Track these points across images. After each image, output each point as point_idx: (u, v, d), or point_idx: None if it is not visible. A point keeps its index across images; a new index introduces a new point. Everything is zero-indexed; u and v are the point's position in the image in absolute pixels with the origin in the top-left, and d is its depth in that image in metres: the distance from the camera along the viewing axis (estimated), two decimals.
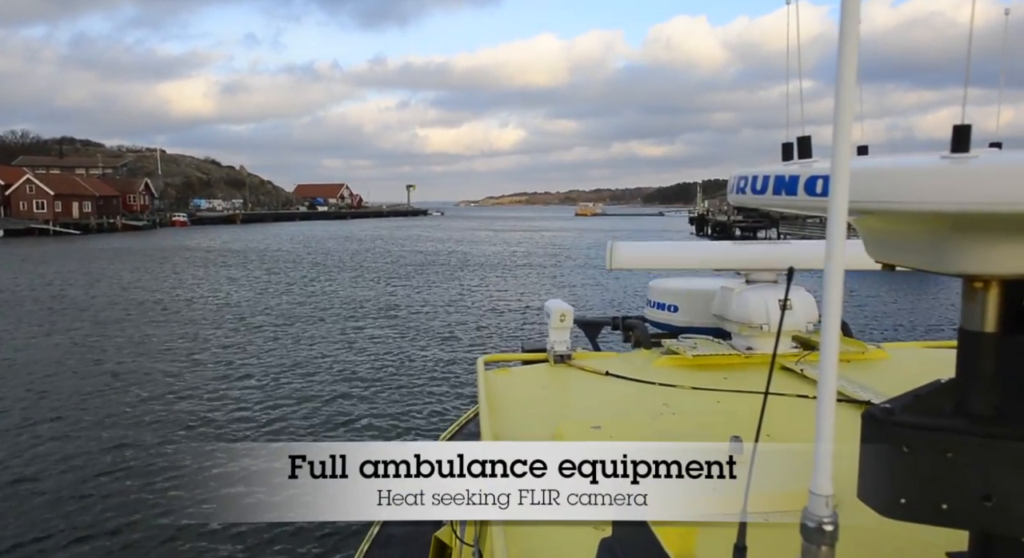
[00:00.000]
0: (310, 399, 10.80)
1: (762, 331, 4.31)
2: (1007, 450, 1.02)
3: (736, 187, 1.21)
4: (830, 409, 0.83)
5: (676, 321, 5.14)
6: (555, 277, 30.12)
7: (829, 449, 0.84)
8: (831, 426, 0.83)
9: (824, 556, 0.87)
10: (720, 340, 4.56)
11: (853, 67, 0.73)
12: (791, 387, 3.54)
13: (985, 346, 1.13)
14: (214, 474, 1.11)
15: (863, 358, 4.19)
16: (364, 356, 13.97)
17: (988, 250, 0.97)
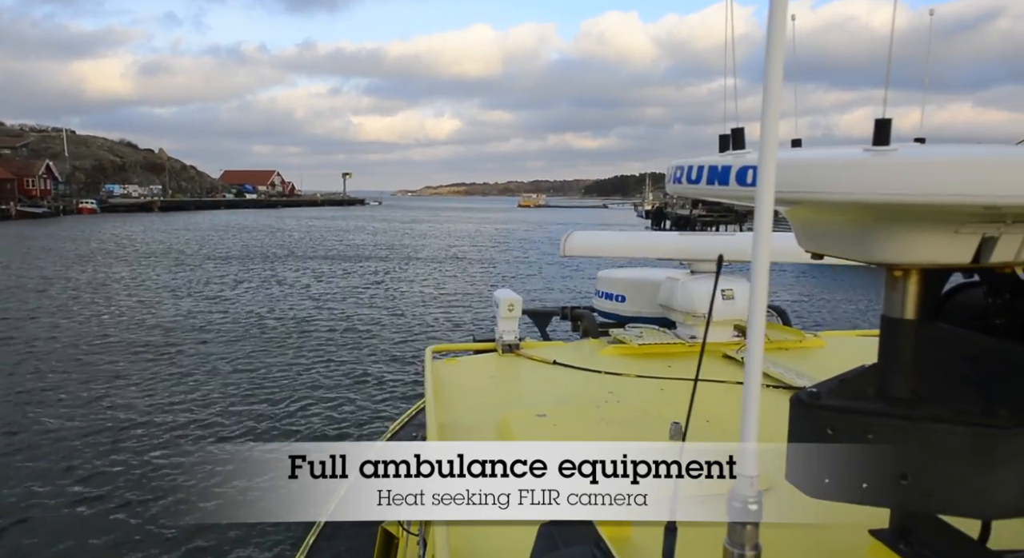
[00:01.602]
0: (251, 399, 10.52)
1: (705, 320, 4.53)
2: (922, 431, 1.16)
3: (673, 177, 1.32)
4: (756, 393, 0.92)
5: (623, 311, 5.37)
6: (505, 268, 29.99)
7: (754, 432, 0.93)
8: (756, 409, 0.92)
9: (749, 535, 0.95)
10: (665, 329, 4.78)
11: (780, 63, 0.83)
12: (733, 375, 3.76)
13: (904, 332, 1.26)
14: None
15: (800, 346, 4.47)
16: (307, 353, 13.59)
17: (907, 240, 1.10)
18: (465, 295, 21.11)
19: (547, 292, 22.53)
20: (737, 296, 4.64)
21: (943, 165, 0.94)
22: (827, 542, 1.76)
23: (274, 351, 13.71)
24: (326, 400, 10.50)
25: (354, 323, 16.53)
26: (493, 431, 2.70)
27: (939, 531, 1.47)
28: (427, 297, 20.86)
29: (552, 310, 6.36)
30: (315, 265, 29.27)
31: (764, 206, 0.87)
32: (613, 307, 5.54)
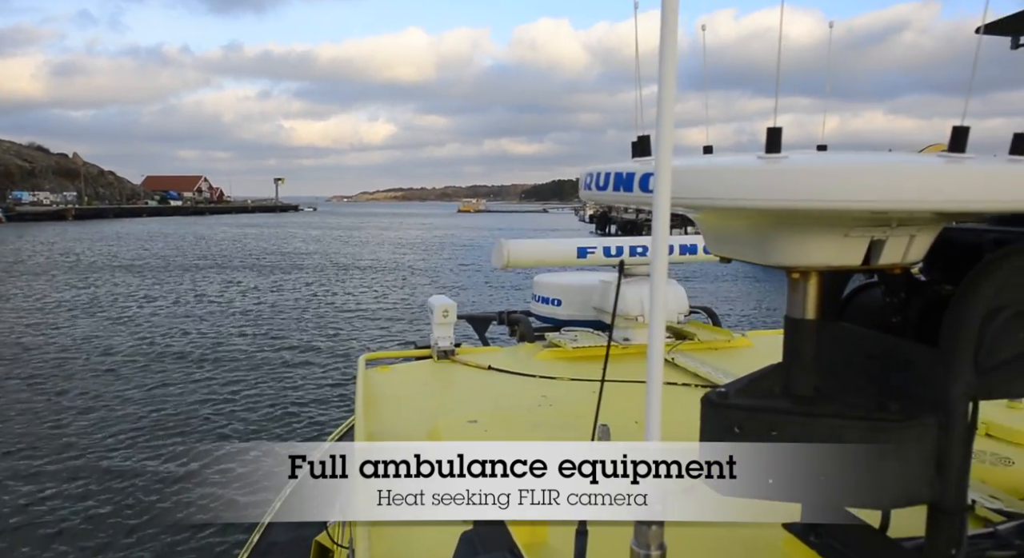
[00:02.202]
0: (175, 421, 10.00)
1: (638, 322, 4.65)
2: (823, 426, 1.22)
3: (584, 183, 1.35)
4: (658, 395, 0.95)
5: (559, 315, 5.45)
6: (447, 274, 29.63)
7: (657, 432, 0.96)
8: (659, 410, 0.95)
9: (655, 535, 0.98)
10: (600, 332, 4.87)
11: (672, 73, 0.86)
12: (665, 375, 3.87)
13: (806, 332, 1.33)
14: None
15: (728, 346, 4.64)
16: (230, 375, 12.89)
17: (801, 244, 1.16)
18: (407, 304, 20.71)
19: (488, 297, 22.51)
20: (668, 298, 4.80)
21: (828, 172, 0.99)
22: (744, 537, 1.82)
23: (191, 375, 12.49)
24: (252, 425, 10.01)
25: (287, 339, 15.64)
26: (424, 439, 2.70)
27: (844, 522, 1.55)
28: (367, 308, 20.16)
29: (490, 315, 6.41)
30: (245, 277, 27.46)
31: (661, 212, 0.90)
32: (549, 311, 5.62)
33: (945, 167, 1.00)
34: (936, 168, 0.99)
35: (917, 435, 1.21)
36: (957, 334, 1.22)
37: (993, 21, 1.76)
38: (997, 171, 1.04)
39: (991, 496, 2.02)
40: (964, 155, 1.04)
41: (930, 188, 0.97)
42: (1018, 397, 1.29)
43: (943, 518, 1.26)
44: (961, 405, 1.22)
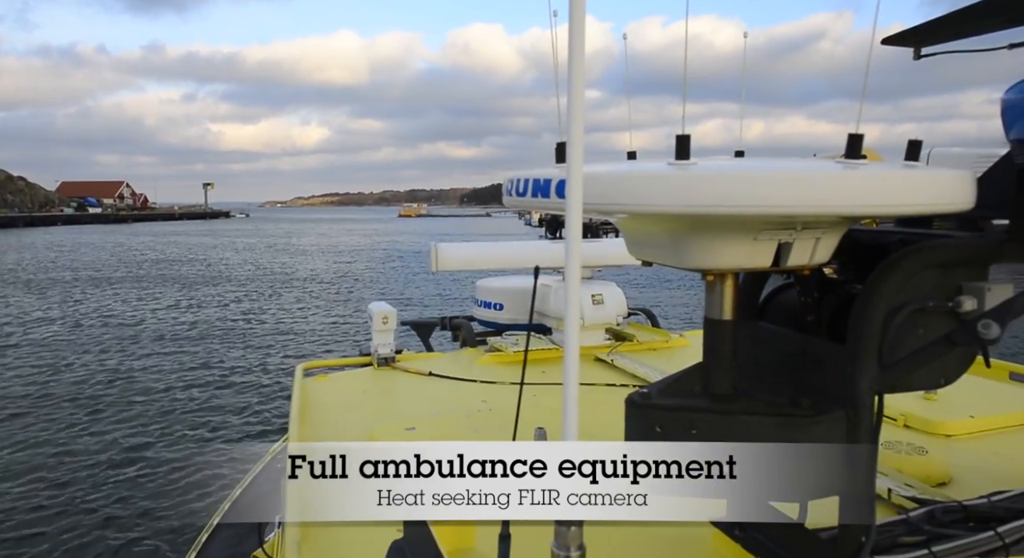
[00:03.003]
0: (106, 443, 9.45)
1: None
2: (739, 423, 1.28)
3: (506, 190, 1.37)
4: (574, 398, 0.98)
5: (501, 319, 5.52)
6: (392, 281, 29.15)
7: (574, 433, 0.98)
8: (576, 413, 0.98)
9: (574, 536, 1.01)
10: (541, 336, 4.94)
11: (581, 79, 0.89)
12: (604, 377, 3.96)
13: (724, 332, 1.39)
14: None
15: (666, 346, 4.77)
16: (174, 385, 12.27)
17: (713, 247, 1.21)
18: (351, 313, 20.21)
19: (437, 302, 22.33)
20: (607, 301, 4.90)
21: (733, 178, 1.04)
22: (674, 535, 1.88)
23: (101, 410, 10.98)
24: (188, 447, 9.53)
25: (220, 358, 14.57)
26: None
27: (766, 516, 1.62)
28: (308, 319, 19.30)
29: (433, 321, 6.42)
30: (170, 291, 25.13)
31: (573, 217, 0.93)
32: (492, 315, 5.68)
33: (842, 173, 1.07)
34: (833, 174, 1.06)
35: (827, 429, 1.28)
36: (862, 331, 1.29)
37: (895, 33, 1.88)
38: (890, 176, 1.11)
39: (906, 484, 2.15)
40: (859, 161, 1.11)
41: (828, 193, 1.03)
42: (919, 389, 1.38)
43: (854, 508, 1.33)
44: (867, 399, 1.30)
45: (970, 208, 1.20)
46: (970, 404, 2.91)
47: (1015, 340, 11.53)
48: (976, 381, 3.40)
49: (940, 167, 2.26)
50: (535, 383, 3.73)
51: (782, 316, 1.64)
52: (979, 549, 1.62)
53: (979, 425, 2.75)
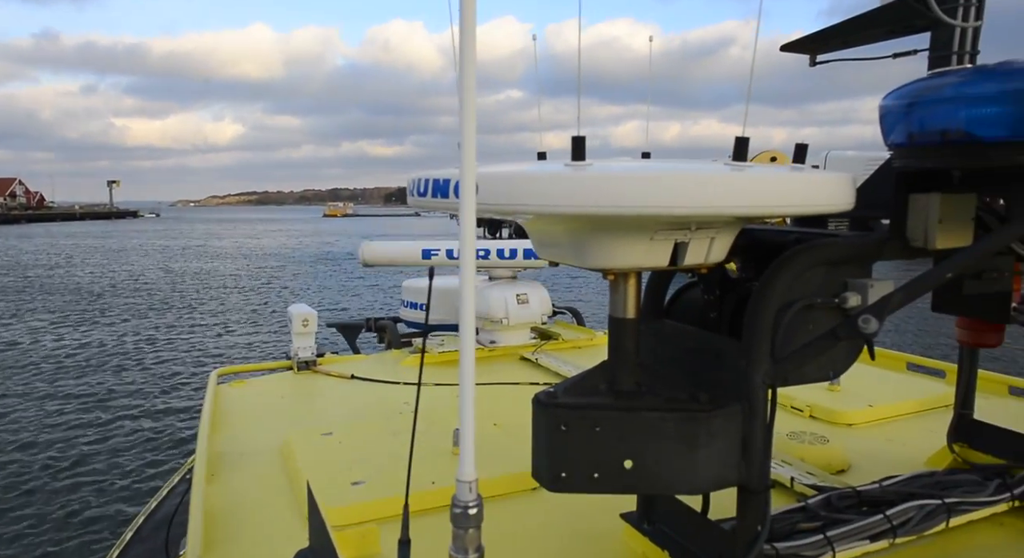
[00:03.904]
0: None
1: (503, 325, 4.79)
2: (642, 419, 1.32)
3: (409, 190, 1.37)
4: (470, 399, 0.99)
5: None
6: (321, 285, 28.27)
7: (471, 437, 1.00)
8: (472, 415, 0.99)
9: (471, 538, 0.99)
10: None
11: (472, 80, 0.90)
12: (527, 375, 4.01)
13: (628, 330, 1.43)
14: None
15: (591, 344, 4.88)
16: (87, 403, 11.41)
17: (612, 247, 1.25)
18: (278, 318, 19.47)
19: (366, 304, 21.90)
20: (532, 300, 4.96)
21: (625, 180, 1.08)
22: (586, 530, 1.93)
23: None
24: (98, 470, 8.89)
25: (130, 371, 13.62)
26: (275, 455, 2.63)
27: (672, 508, 1.69)
28: (230, 327, 18.22)
29: (359, 322, 6.35)
30: (68, 302, 22.41)
31: (467, 216, 0.94)
32: (419, 316, 5.66)
33: (729, 175, 1.12)
34: (721, 176, 1.11)
35: (724, 422, 1.34)
36: (755, 327, 1.36)
37: (792, 41, 2.00)
38: (774, 178, 1.18)
39: (808, 472, 2.28)
40: (746, 163, 1.17)
41: (715, 195, 1.08)
42: (811, 382, 1.47)
43: (750, 498, 1.40)
44: (761, 392, 1.37)
45: (850, 209, 1.29)
46: (870, 394, 3.12)
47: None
48: (877, 372, 3.64)
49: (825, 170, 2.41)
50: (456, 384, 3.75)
51: (687, 314, 1.71)
52: (869, 532, 1.74)
53: (877, 414, 2.94)
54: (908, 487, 1.95)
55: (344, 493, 2.12)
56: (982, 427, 2.21)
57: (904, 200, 1.49)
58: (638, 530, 1.75)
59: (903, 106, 1.43)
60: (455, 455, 2.49)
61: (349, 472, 2.29)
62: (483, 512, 1.01)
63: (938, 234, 1.45)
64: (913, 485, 1.96)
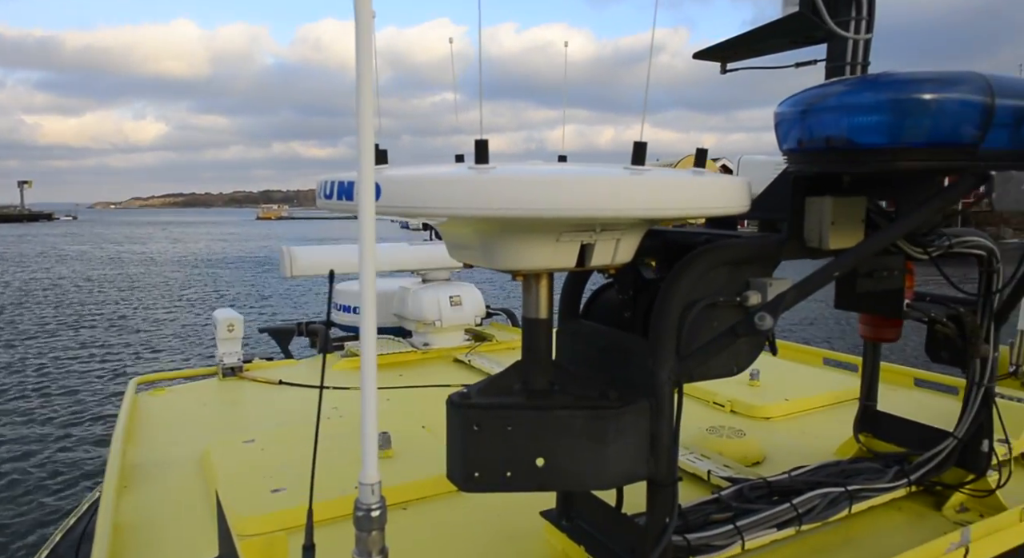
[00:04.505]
0: None
1: (436, 327, 4.79)
2: (553, 418, 1.35)
3: (318, 193, 1.37)
4: (373, 401, 1.00)
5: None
6: (256, 288, 27.45)
7: (373, 439, 1.00)
8: (374, 418, 1.00)
9: (374, 541, 1.02)
10: (401, 339, 4.94)
11: (368, 82, 0.91)
12: (462, 378, 4.03)
13: (540, 331, 1.46)
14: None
15: None
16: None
17: (519, 248, 1.28)
18: (209, 328, 18.64)
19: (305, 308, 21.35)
20: (465, 302, 4.97)
21: (524, 183, 1.11)
22: (510, 529, 1.96)
23: None
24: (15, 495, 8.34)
25: (46, 383, 12.89)
26: (193, 465, 2.56)
27: (589, 504, 1.74)
28: (157, 336, 17.63)
29: (291, 327, 6.22)
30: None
31: (366, 219, 0.95)
32: (352, 319, 5.60)
33: (628, 179, 1.17)
34: (619, 180, 1.15)
35: (633, 419, 1.39)
36: (660, 325, 1.42)
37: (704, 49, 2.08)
38: (671, 182, 1.24)
39: (725, 465, 2.38)
40: (645, 167, 1.22)
41: (611, 198, 1.13)
42: (716, 377, 1.54)
43: (659, 491, 1.46)
44: (667, 388, 1.42)
45: (744, 211, 1.36)
46: (788, 389, 3.27)
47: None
48: (795, 367, 3.82)
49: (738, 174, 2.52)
50: (388, 387, 3.73)
51: (604, 314, 1.76)
52: (777, 520, 1.83)
53: (793, 407, 3.09)
54: (815, 476, 2.06)
55: (263, 501, 2.09)
56: (884, 418, 2.36)
57: (801, 203, 1.58)
58: (557, 527, 1.79)
59: (794, 113, 1.52)
60: (380, 459, 2.48)
61: (270, 480, 2.26)
62: (387, 514, 1.02)
63: (831, 235, 1.54)
64: (819, 474, 2.07)
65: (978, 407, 2.05)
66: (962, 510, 2.10)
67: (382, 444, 2.51)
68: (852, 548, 1.90)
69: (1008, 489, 2.10)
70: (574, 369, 1.60)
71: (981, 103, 1.32)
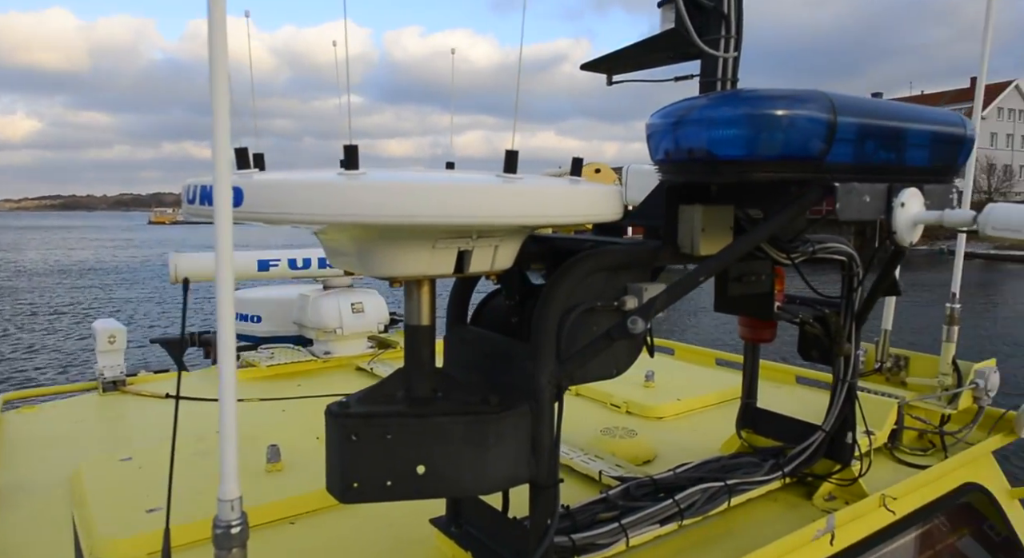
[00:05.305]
0: None
1: (337, 335, 4.69)
2: (433, 425, 1.36)
3: (183, 198, 1.32)
4: (232, 416, 0.98)
5: (259, 332, 5.29)
6: (150, 298, 25.92)
7: (233, 454, 0.98)
8: (234, 434, 0.98)
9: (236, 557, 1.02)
10: (300, 348, 4.80)
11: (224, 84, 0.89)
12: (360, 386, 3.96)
13: (422, 337, 1.47)
14: None
15: None
16: None
17: (395, 255, 1.28)
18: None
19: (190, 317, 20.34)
20: (367, 309, 4.90)
21: (392, 190, 1.12)
22: (402, 538, 1.95)
23: None
24: None
25: None
26: (64, 487, 2.40)
27: (477, 509, 1.76)
28: (32, 355, 16.43)
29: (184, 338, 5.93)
30: None
31: (223, 226, 0.93)
32: (249, 329, 5.40)
33: (498, 186, 1.20)
34: (488, 187, 1.18)
35: (514, 423, 1.42)
36: (541, 329, 1.46)
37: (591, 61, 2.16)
38: (543, 190, 1.28)
39: (616, 465, 2.46)
40: (515, 176, 1.25)
41: (479, 205, 1.15)
42: (596, 380, 1.59)
43: (541, 493, 1.49)
44: (547, 392, 1.46)
45: (617, 218, 1.42)
46: (681, 389, 3.42)
47: None
48: (689, 368, 3.99)
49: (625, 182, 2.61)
50: (286, 398, 3.63)
51: (493, 320, 1.79)
52: (660, 516, 1.91)
53: (684, 406, 3.23)
54: (698, 472, 2.16)
55: (137, 522, 1.98)
56: (763, 414, 2.51)
57: (674, 211, 1.67)
58: (446, 534, 1.80)
59: (662, 126, 1.60)
60: (268, 473, 2.41)
61: (146, 499, 2.14)
62: (248, 531, 1.00)
63: (702, 241, 1.63)
64: (702, 470, 2.18)
65: (843, 402, 2.22)
66: (830, 498, 2.26)
67: (271, 457, 2.44)
68: (731, 539, 2.01)
69: (878, 478, 2.28)
70: (459, 375, 1.61)
71: (826, 120, 1.44)
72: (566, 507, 1.81)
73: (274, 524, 2.08)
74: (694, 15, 1.75)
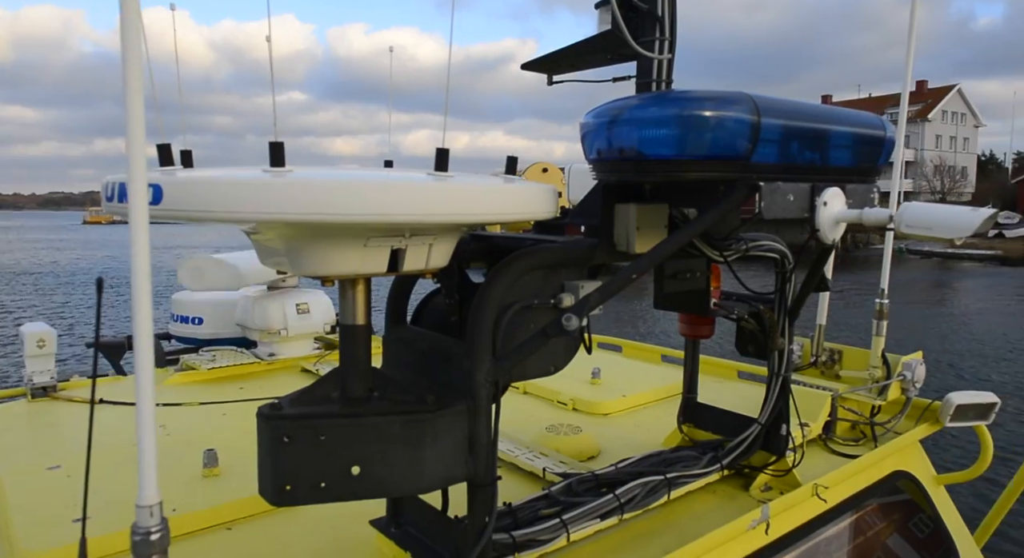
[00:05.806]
0: None
1: (281, 336, 4.61)
2: (368, 425, 1.35)
3: (103, 195, 1.29)
4: (150, 420, 0.95)
5: (201, 334, 5.19)
6: (88, 302, 24.90)
7: (152, 458, 0.96)
8: (152, 437, 0.95)
9: None
10: (244, 349, 4.71)
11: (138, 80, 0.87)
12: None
13: (357, 337, 1.46)
14: None
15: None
16: None
17: (325, 254, 1.27)
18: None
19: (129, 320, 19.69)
20: (312, 310, 4.84)
21: (318, 187, 1.11)
22: (343, 539, 1.94)
23: None
24: None
25: None
26: None
27: (416, 509, 1.76)
28: None
29: (121, 340, 5.77)
30: None
31: (139, 224, 0.90)
32: (191, 331, 5.27)
33: (432, 185, 1.20)
34: (415, 186, 1.18)
35: (450, 422, 1.43)
36: (477, 327, 1.47)
37: (531, 61, 2.19)
38: (476, 188, 1.28)
39: (561, 462, 2.49)
40: (447, 174, 1.26)
41: (408, 202, 1.15)
42: (534, 377, 1.61)
43: (478, 491, 1.50)
44: (484, 390, 1.47)
45: (552, 216, 1.44)
46: (626, 385, 3.47)
47: None
48: (635, 365, 4.06)
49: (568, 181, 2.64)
50: (227, 401, 3.55)
51: (433, 319, 1.79)
52: (600, 511, 1.94)
53: (629, 402, 3.29)
54: (639, 467, 2.20)
55: (62, 534, 1.92)
56: (704, 408, 2.57)
57: (610, 210, 1.69)
58: (386, 535, 1.79)
59: (595, 125, 1.63)
60: (205, 478, 2.36)
61: (75, 509, 2.07)
62: (168, 537, 0.98)
63: (637, 240, 1.67)
64: (643, 465, 2.22)
65: (777, 395, 2.29)
66: (766, 489, 2.34)
67: (207, 462, 2.39)
68: (671, 531, 2.06)
69: (812, 468, 2.37)
70: (396, 375, 1.61)
71: (750, 120, 1.49)
72: (508, 504, 1.82)
73: (211, 530, 2.04)
74: (629, 17, 1.78)
